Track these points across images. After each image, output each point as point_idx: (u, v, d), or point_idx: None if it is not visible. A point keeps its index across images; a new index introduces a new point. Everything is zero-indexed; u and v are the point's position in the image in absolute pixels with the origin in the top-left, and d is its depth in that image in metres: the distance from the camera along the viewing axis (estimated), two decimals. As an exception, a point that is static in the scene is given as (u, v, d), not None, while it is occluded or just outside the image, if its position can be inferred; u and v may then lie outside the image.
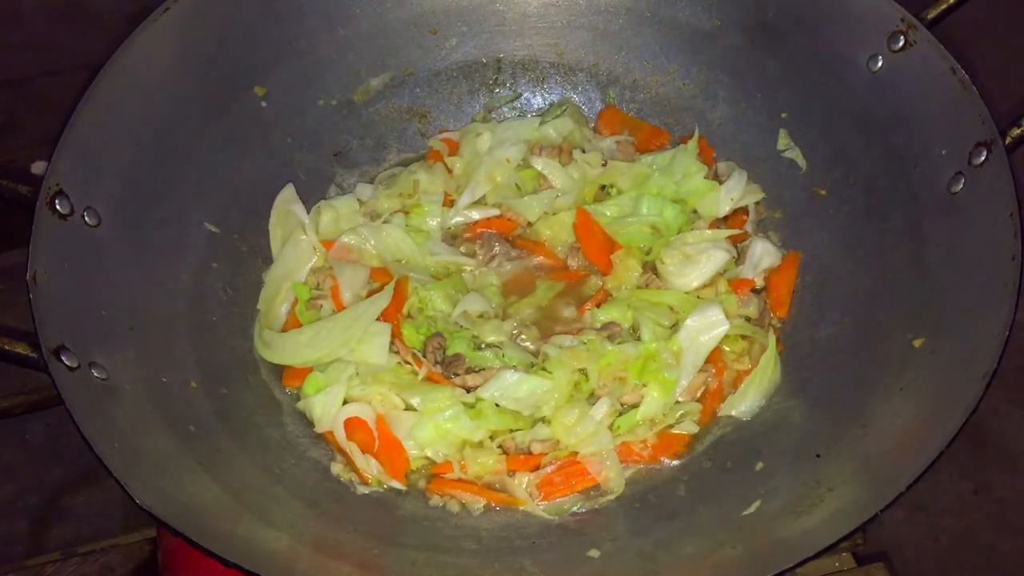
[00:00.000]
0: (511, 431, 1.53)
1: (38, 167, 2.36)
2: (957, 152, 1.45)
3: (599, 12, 1.87)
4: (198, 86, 1.65)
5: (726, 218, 1.76)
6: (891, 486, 1.21)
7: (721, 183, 1.75)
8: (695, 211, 1.77)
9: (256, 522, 1.33)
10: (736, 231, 1.73)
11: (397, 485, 1.51)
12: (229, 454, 1.44)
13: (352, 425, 1.52)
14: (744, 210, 1.77)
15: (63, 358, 1.29)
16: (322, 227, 1.74)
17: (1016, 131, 1.42)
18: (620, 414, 1.55)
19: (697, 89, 1.86)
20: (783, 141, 1.77)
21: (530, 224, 1.78)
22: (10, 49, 2.61)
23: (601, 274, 1.71)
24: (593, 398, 1.56)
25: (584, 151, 1.82)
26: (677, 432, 1.56)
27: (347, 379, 1.54)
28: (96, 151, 1.47)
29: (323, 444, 1.56)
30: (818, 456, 1.41)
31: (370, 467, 1.51)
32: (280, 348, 1.59)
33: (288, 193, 1.74)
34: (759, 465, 1.47)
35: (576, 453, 1.51)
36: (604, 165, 1.81)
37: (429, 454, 1.53)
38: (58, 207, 1.38)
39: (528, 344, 1.62)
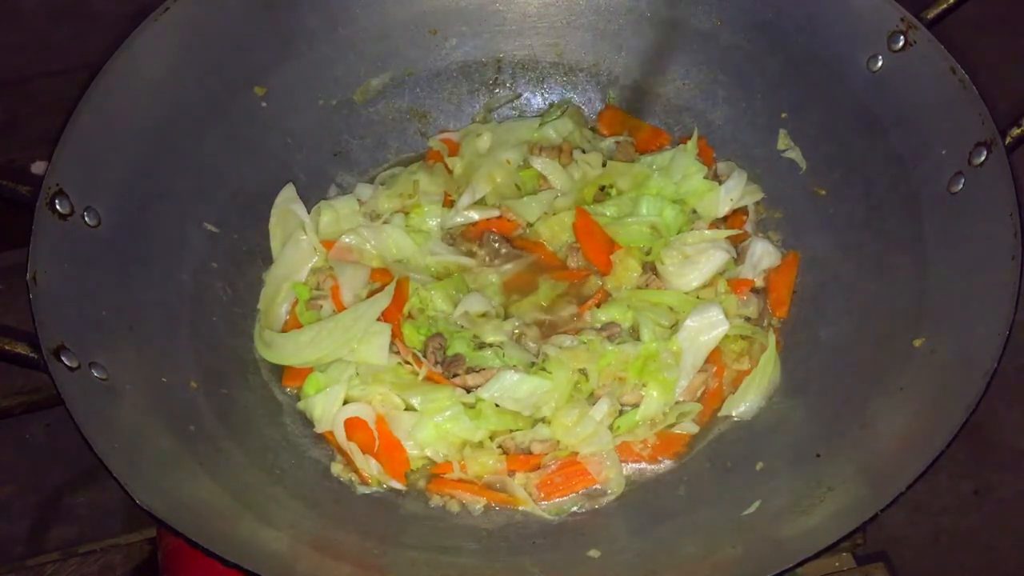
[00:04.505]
0: (511, 431, 1.53)
1: (38, 167, 2.36)
2: (957, 152, 1.45)
3: (599, 12, 1.87)
4: (198, 86, 1.65)
5: (726, 218, 1.76)
6: (891, 486, 1.21)
7: (721, 183, 1.75)
8: (695, 211, 1.77)
9: (256, 522, 1.33)
10: (736, 231, 1.73)
11: (397, 485, 1.51)
12: (229, 454, 1.44)
13: (352, 425, 1.52)
14: (744, 210, 1.77)
15: (63, 358, 1.29)
16: (322, 227, 1.74)
17: (1016, 131, 1.42)
18: (620, 414, 1.55)
19: (697, 89, 1.86)
20: (783, 141, 1.77)
21: (530, 225, 1.78)
22: (10, 49, 2.61)
23: (601, 274, 1.71)
24: (593, 398, 1.56)
25: (584, 151, 1.82)
26: (677, 432, 1.56)
27: (347, 379, 1.54)
28: (96, 151, 1.47)
29: (323, 444, 1.56)
30: (818, 456, 1.41)
31: (370, 467, 1.51)
32: (280, 348, 1.59)
33: (288, 193, 1.74)
34: (759, 465, 1.47)
35: (576, 453, 1.51)
36: (604, 165, 1.81)
37: (429, 454, 1.53)
38: (58, 207, 1.38)
39: (529, 344, 1.62)
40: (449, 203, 1.79)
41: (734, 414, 1.58)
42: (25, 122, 2.52)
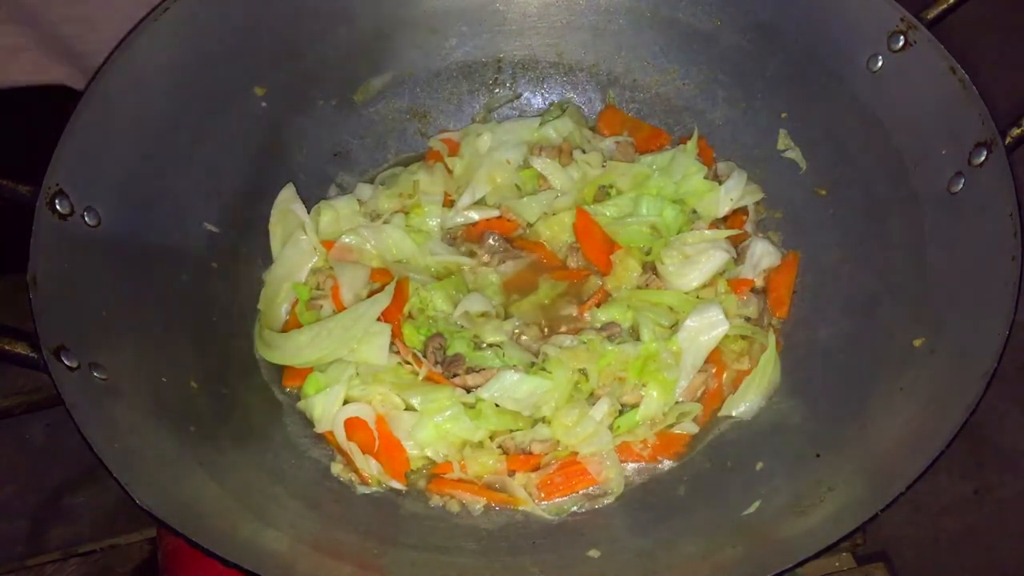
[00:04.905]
0: (511, 431, 1.53)
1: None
2: (957, 152, 1.45)
3: (599, 12, 1.87)
4: (198, 86, 1.64)
5: (726, 218, 1.76)
6: (891, 486, 1.21)
7: (721, 183, 1.75)
8: (695, 211, 1.77)
9: (256, 522, 1.33)
10: (736, 231, 1.73)
11: (397, 485, 1.51)
12: (229, 454, 1.44)
13: (352, 425, 1.52)
14: (744, 210, 1.77)
15: (63, 358, 1.29)
16: (322, 227, 1.74)
17: (1016, 131, 1.42)
18: (620, 414, 1.56)
19: (697, 89, 1.86)
20: (783, 141, 1.77)
21: (530, 225, 1.78)
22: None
23: (601, 274, 1.71)
24: (593, 398, 1.56)
25: (584, 151, 1.82)
26: (677, 432, 1.56)
27: (347, 379, 1.54)
28: (96, 151, 1.47)
29: (323, 444, 1.56)
30: (818, 456, 1.41)
31: (370, 467, 1.51)
32: (280, 348, 1.59)
33: (288, 193, 1.74)
34: (759, 465, 1.47)
35: (576, 453, 1.52)
36: (604, 165, 1.81)
37: (429, 454, 1.53)
38: (58, 207, 1.38)
39: (529, 343, 1.62)
40: (449, 203, 1.79)
41: (734, 414, 1.58)
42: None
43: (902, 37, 1.54)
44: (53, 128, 1.41)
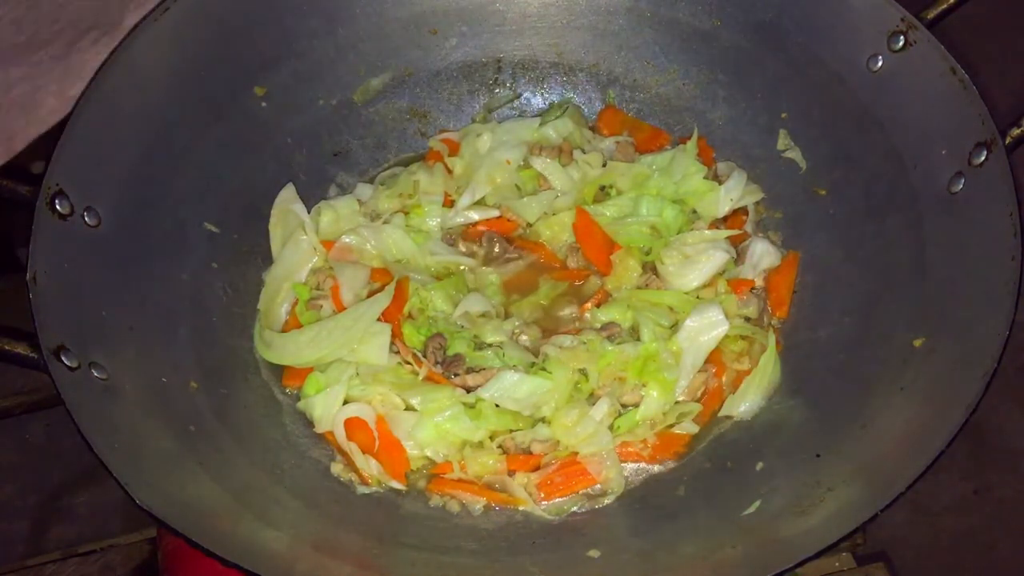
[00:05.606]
0: (511, 431, 1.53)
1: (38, 167, 2.36)
2: (957, 152, 1.45)
3: (599, 12, 1.87)
4: (198, 86, 1.64)
5: (726, 218, 1.76)
6: (891, 486, 1.21)
7: (721, 183, 1.75)
8: (695, 211, 1.77)
9: (256, 522, 1.33)
10: (736, 231, 1.73)
11: (397, 485, 1.51)
12: (229, 454, 1.44)
13: (352, 425, 1.52)
14: (744, 210, 1.77)
15: (63, 358, 1.29)
16: (322, 227, 1.74)
17: (1016, 131, 1.42)
18: (620, 414, 1.56)
19: (697, 89, 1.86)
20: (783, 141, 1.77)
21: (530, 225, 1.78)
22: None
23: (601, 274, 1.71)
24: (593, 398, 1.56)
25: (584, 151, 1.82)
26: (677, 432, 1.56)
27: (347, 379, 1.55)
28: (96, 151, 1.47)
29: (323, 444, 1.56)
30: (818, 456, 1.41)
31: (370, 467, 1.51)
32: (280, 348, 1.59)
33: (288, 193, 1.74)
34: (759, 465, 1.47)
35: (576, 453, 1.52)
36: (604, 165, 1.81)
37: (429, 454, 1.53)
38: (58, 207, 1.38)
39: (528, 343, 1.62)
40: (449, 203, 1.79)
41: (734, 414, 1.58)
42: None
43: (902, 37, 1.54)
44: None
